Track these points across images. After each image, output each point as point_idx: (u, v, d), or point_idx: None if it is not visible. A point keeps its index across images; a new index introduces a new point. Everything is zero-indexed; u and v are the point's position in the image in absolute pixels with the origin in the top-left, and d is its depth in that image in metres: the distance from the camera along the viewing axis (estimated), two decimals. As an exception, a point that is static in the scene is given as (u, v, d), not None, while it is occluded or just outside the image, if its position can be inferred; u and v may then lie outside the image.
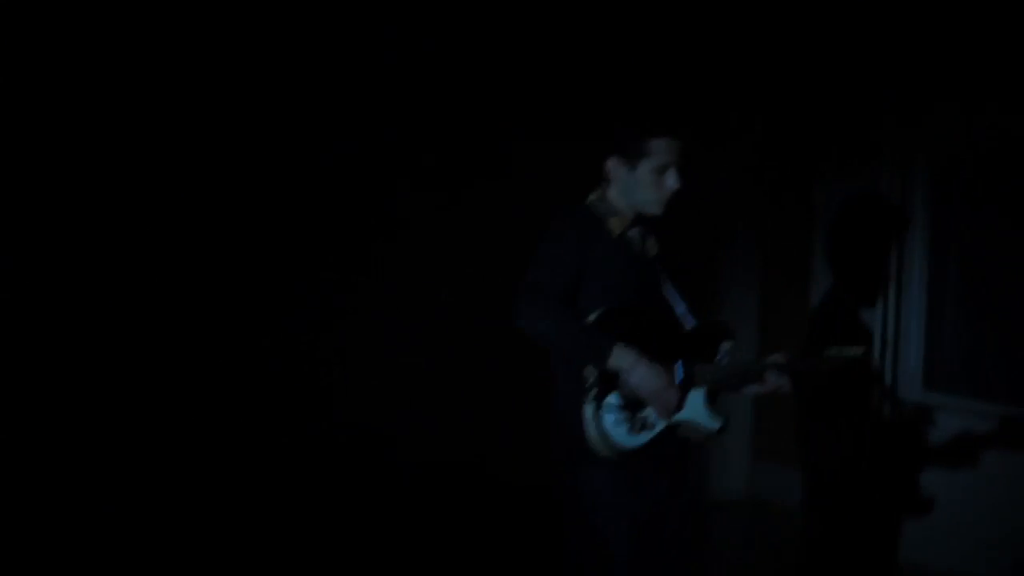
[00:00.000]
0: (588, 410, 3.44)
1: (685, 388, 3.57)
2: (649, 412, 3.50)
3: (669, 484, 3.61)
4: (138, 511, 4.77)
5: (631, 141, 3.58)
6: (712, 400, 3.63)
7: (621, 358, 3.43)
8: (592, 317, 3.47)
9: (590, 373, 3.45)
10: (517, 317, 3.43)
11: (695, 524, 3.73)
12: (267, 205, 5.18)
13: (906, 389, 5.79)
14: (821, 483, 4.71)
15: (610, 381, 3.46)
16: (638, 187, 3.60)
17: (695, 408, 3.59)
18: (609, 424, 3.44)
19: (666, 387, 3.48)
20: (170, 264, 4.94)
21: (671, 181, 3.59)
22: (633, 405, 3.48)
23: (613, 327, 3.47)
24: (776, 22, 5.84)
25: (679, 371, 3.57)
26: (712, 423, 3.61)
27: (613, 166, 3.62)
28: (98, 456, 4.74)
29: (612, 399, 3.46)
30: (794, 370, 3.68)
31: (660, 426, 3.52)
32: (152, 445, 4.85)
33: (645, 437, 3.50)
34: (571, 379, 3.48)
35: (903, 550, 5.35)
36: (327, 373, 5.23)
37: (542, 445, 3.61)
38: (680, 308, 3.70)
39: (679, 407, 3.53)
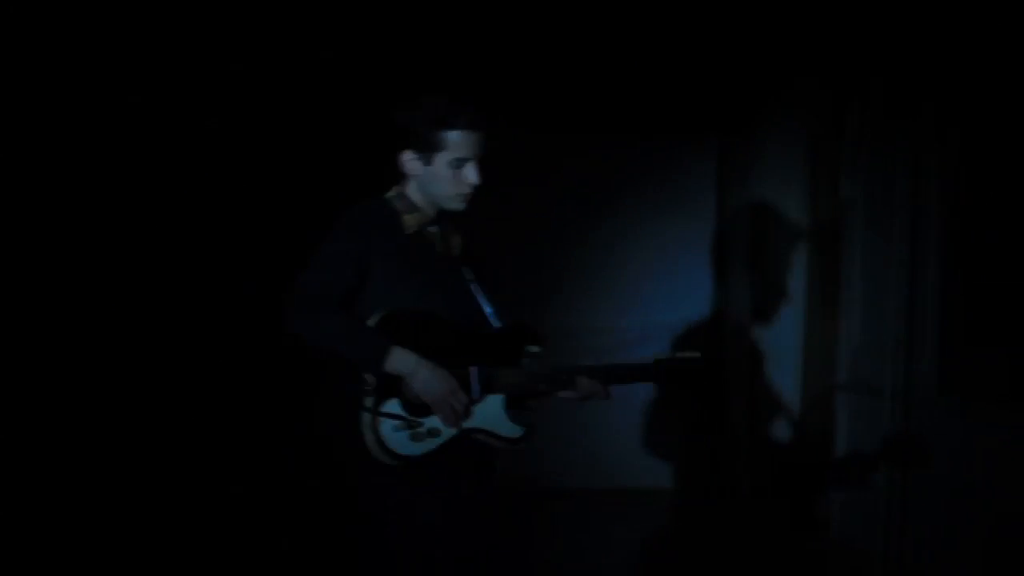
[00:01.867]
0: (366, 417, 3.25)
1: (483, 393, 3.35)
2: (435, 419, 3.30)
3: (469, 490, 3.39)
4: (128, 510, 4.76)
5: (424, 134, 3.38)
6: (514, 406, 3.40)
7: (400, 362, 3.24)
8: (373, 319, 3.28)
9: (370, 379, 3.26)
10: (287, 321, 3.25)
11: (495, 530, 3.50)
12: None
13: (919, 393, 5.33)
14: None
15: (391, 387, 3.26)
16: (435, 182, 3.40)
17: (492, 415, 3.37)
18: (387, 431, 3.25)
19: (451, 393, 3.28)
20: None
21: (471, 175, 3.39)
22: (417, 411, 3.28)
23: (396, 330, 3.27)
24: None
25: (475, 376, 3.35)
26: (511, 431, 3.39)
27: (408, 160, 3.42)
28: (91, 454, 4.73)
29: (391, 405, 3.26)
30: (608, 376, 3.44)
31: (448, 434, 3.31)
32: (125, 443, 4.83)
33: (430, 445, 3.29)
34: (349, 385, 3.29)
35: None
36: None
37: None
38: (488, 309, 3.48)
39: (468, 414, 3.32)
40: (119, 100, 4.93)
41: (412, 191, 3.45)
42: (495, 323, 3.47)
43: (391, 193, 3.47)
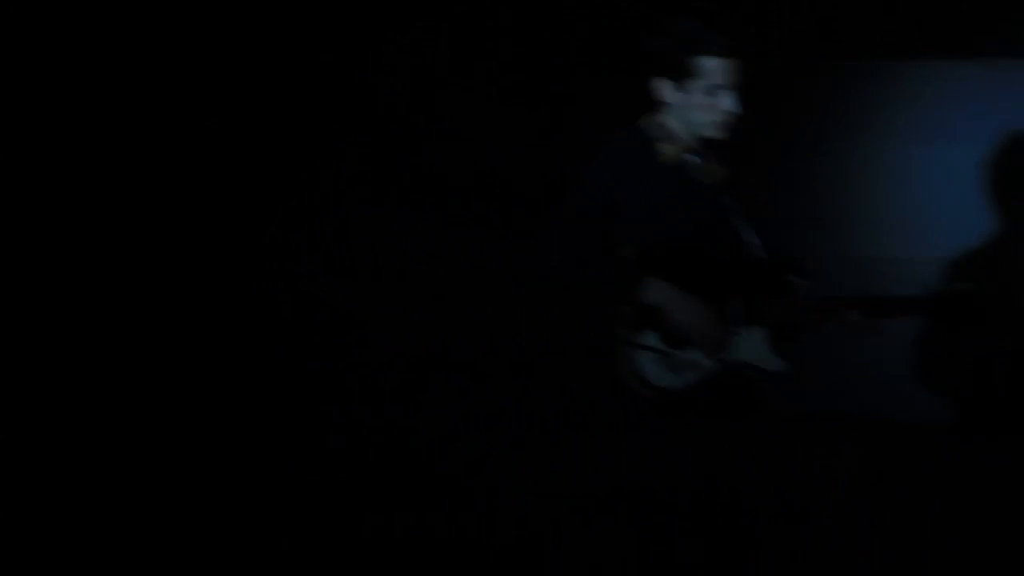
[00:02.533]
0: (623, 350, 3.22)
1: (744, 325, 3.26)
2: (694, 351, 3.22)
3: (731, 425, 3.31)
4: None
5: (676, 60, 3.27)
6: (777, 339, 3.29)
7: (655, 293, 3.19)
8: (627, 251, 3.24)
9: (625, 310, 3.22)
10: (538, 254, 3.25)
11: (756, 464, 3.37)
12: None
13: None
14: None
15: (647, 318, 3.21)
16: (690, 110, 3.30)
17: (753, 348, 3.28)
18: (644, 363, 3.21)
19: (709, 323, 3.20)
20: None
21: (727, 103, 3.27)
22: (675, 343, 3.22)
23: (650, 261, 3.22)
24: None
25: (735, 308, 3.26)
26: (773, 364, 3.29)
27: (660, 87, 3.33)
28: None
29: (648, 337, 3.21)
30: (877, 309, 3.29)
31: (707, 366, 3.23)
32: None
33: (689, 378, 3.23)
34: (604, 318, 3.27)
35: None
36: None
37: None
38: (752, 240, 3.36)
39: (728, 345, 3.23)
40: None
41: (668, 118, 3.35)
42: (759, 255, 3.35)
43: (646, 120, 3.38)
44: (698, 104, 3.27)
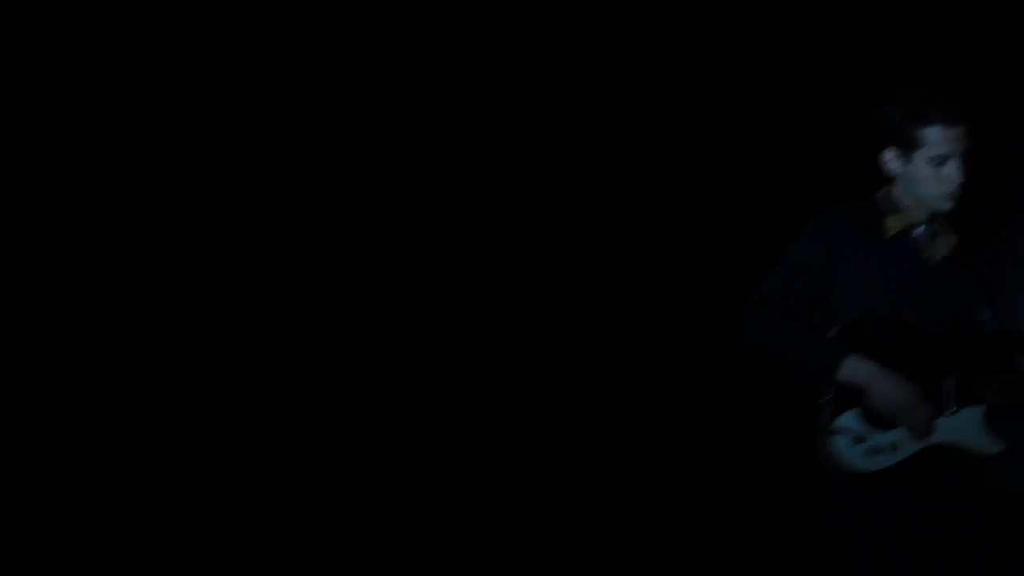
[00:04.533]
0: (821, 431, 3.17)
1: (960, 405, 3.16)
2: (898, 433, 3.15)
3: (944, 508, 3.19)
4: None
5: (900, 130, 3.22)
6: (995, 419, 3.18)
7: (857, 371, 3.12)
8: (835, 327, 3.18)
9: (827, 391, 3.17)
10: (739, 329, 3.24)
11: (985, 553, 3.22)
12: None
13: None
14: None
15: (850, 398, 3.15)
16: (916, 182, 3.24)
17: (967, 428, 3.16)
18: (841, 446, 3.14)
19: (914, 404, 3.11)
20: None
21: (953, 174, 3.20)
22: (879, 424, 3.14)
23: (859, 338, 3.15)
24: None
25: (951, 386, 3.17)
26: (988, 445, 3.17)
27: (888, 159, 3.28)
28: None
29: (846, 419, 3.15)
30: None
31: (910, 449, 3.15)
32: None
33: (889, 460, 3.14)
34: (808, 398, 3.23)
35: None
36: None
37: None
38: (983, 315, 3.28)
39: (934, 427, 3.13)
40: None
41: (899, 191, 3.29)
42: (987, 331, 3.26)
43: (880, 193, 3.33)
44: (924, 175, 3.21)
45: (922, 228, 3.28)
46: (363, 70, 4.84)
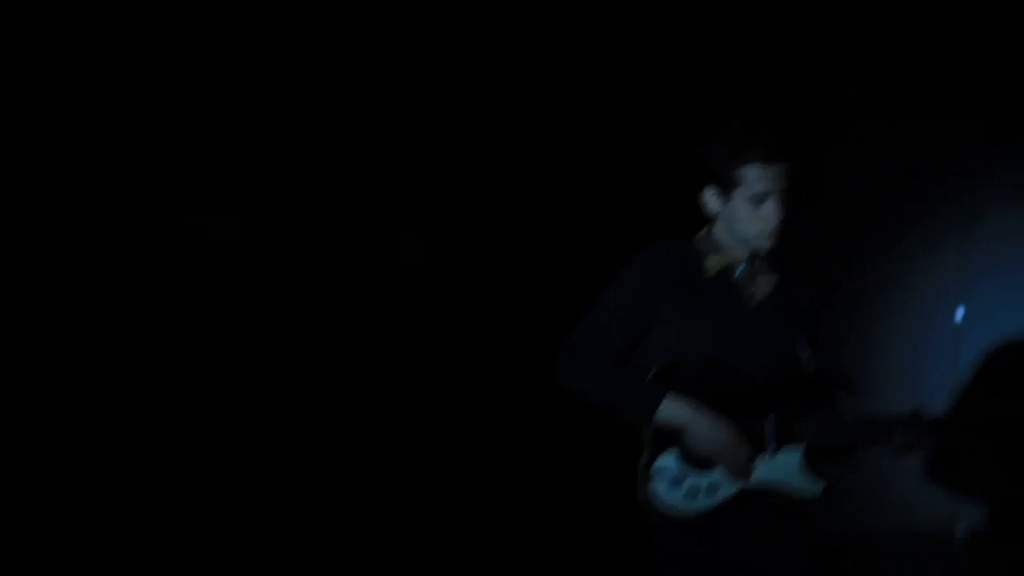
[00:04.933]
0: (641, 473, 3.12)
1: (779, 445, 3.14)
2: (717, 474, 3.11)
3: (766, 547, 3.17)
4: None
5: (719, 169, 3.20)
6: (814, 459, 3.16)
7: (674, 412, 3.08)
8: (654, 369, 3.14)
9: (646, 432, 3.12)
10: (554, 372, 3.17)
11: None
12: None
13: None
14: None
15: (667, 440, 3.11)
16: (735, 221, 3.21)
17: (787, 468, 3.15)
18: (660, 488, 3.09)
19: (732, 445, 3.08)
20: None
21: (771, 211, 3.17)
22: (697, 465, 3.11)
23: (677, 379, 3.11)
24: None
25: (770, 426, 3.14)
26: (807, 486, 3.15)
27: (708, 198, 3.26)
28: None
29: (665, 461, 3.11)
30: (937, 428, 3.16)
31: (730, 489, 3.12)
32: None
33: (709, 501, 3.10)
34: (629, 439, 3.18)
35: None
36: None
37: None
38: (803, 354, 3.26)
39: (752, 468, 3.11)
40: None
41: (719, 231, 3.27)
42: (806, 371, 3.24)
43: (700, 233, 3.31)
44: (743, 214, 3.18)
45: (742, 268, 3.26)
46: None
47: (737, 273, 3.25)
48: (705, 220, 3.31)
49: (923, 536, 5.10)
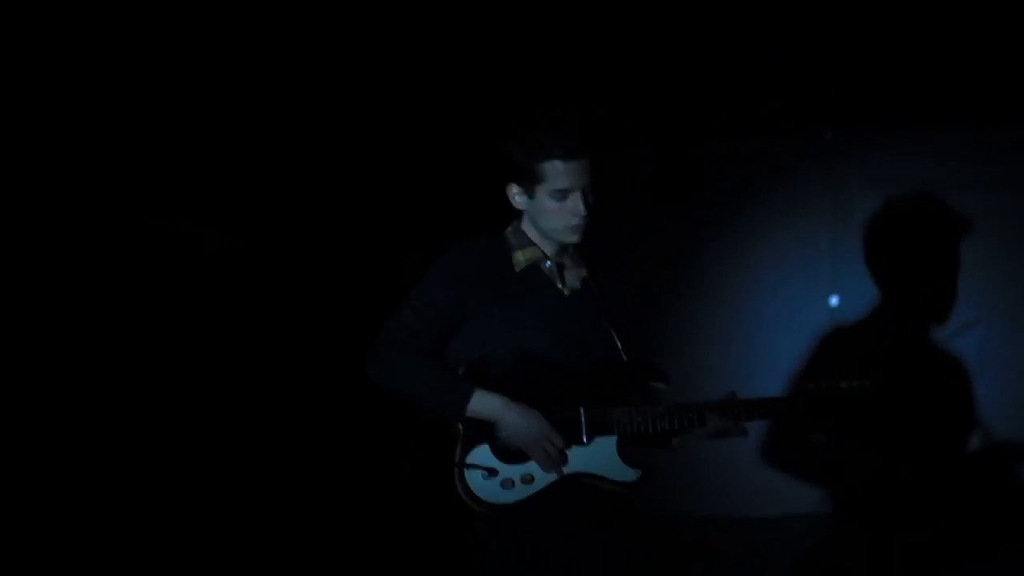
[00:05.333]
0: (456, 466, 3.13)
1: (592, 435, 3.17)
2: (530, 465, 3.13)
3: (585, 537, 3.21)
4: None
5: (523, 165, 3.21)
6: (633, 447, 3.21)
7: (485, 406, 3.10)
8: (465, 364, 3.16)
9: (459, 426, 3.13)
10: (366, 368, 3.16)
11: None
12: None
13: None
14: None
15: (481, 433, 3.12)
16: (541, 215, 3.23)
17: (601, 457, 3.18)
18: (475, 480, 3.11)
19: (544, 436, 3.11)
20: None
21: (576, 206, 3.19)
22: (510, 457, 3.12)
23: (489, 373, 3.13)
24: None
25: (583, 417, 3.17)
26: (623, 474, 3.19)
27: (514, 194, 3.27)
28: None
29: (481, 452, 3.12)
30: (746, 413, 3.23)
31: (545, 480, 3.14)
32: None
33: (524, 492, 3.13)
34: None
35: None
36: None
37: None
38: (615, 345, 3.28)
39: (566, 457, 3.14)
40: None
41: (526, 225, 3.30)
42: (618, 361, 3.28)
43: (510, 228, 3.33)
44: (548, 208, 3.20)
45: (550, 261, 3.28)
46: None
47: (546, 266, 3.28)
48: (514, 215, 3.33)
49: (756, 516, 5.23)
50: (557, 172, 3.16)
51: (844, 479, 4.98)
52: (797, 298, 5.37)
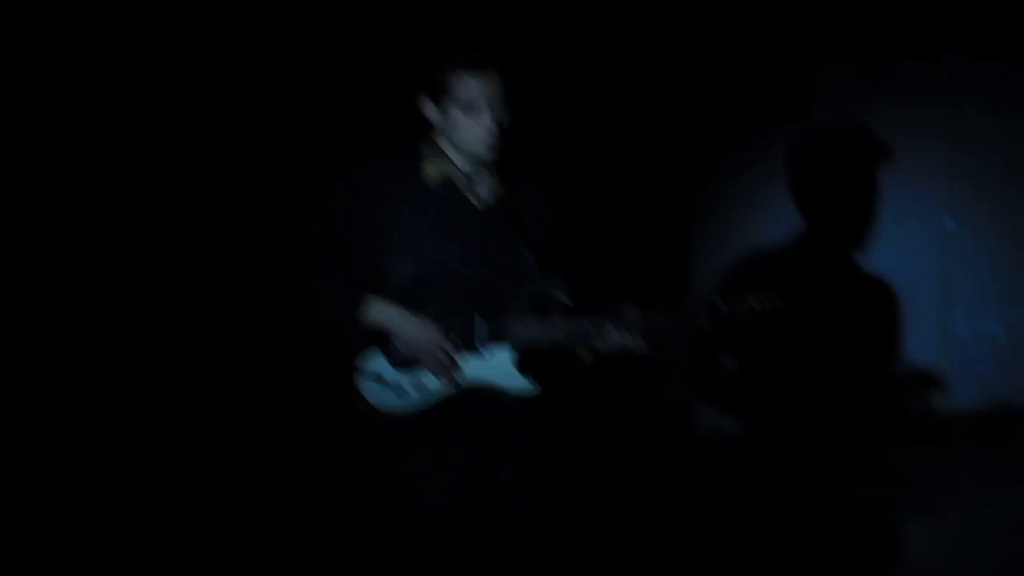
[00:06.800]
0: (350, 373, 3.20)
1: (489, 345, 3.24)
2: (422, 373, 3.20)
3: (482, 463, 3.29)
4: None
5: (433, 78, 3.24)
6: (527, 361, 3.27)
7: (377, 314, 3.17)
8: (362, 275, 3.22)
9: (349, 333, 3.21)
10: (264, 276, 3.25)
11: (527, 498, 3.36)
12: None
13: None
14: None
15: (372, 340, 3.20)
16: (451, 129, 3.27)
17: (497, 368, 3.25)
18: (369, 388, 3.19)
19: (435, 344, 3.18)
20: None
21: (486, 119, 3.23)
22: (403, 364, 3.20)
23: (386, 283, 3.20)
24: None
25: (479, 327, 3.24)
26: (518, 385, 3.26)
27: (427, 107, 3.31)
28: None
29: (371, 361, 3.19)
30: (644, 327, 3.26)
31: (439, 388, 3.21)
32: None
33: (419, 400, 3.20)
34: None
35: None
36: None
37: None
38: (527, 259, 3.33)
39: (456, 365, 3.21)
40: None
41: (439, 138, 3.33)
42: (526, 274, 3.32)
43: (423, 141, 3.35)
44: (459, 122, 3.24)
45: (462, 174, 3.32)
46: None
47: (457, 179, 3.32)
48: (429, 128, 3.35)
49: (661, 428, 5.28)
50: (467, 85, 3.20)
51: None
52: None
